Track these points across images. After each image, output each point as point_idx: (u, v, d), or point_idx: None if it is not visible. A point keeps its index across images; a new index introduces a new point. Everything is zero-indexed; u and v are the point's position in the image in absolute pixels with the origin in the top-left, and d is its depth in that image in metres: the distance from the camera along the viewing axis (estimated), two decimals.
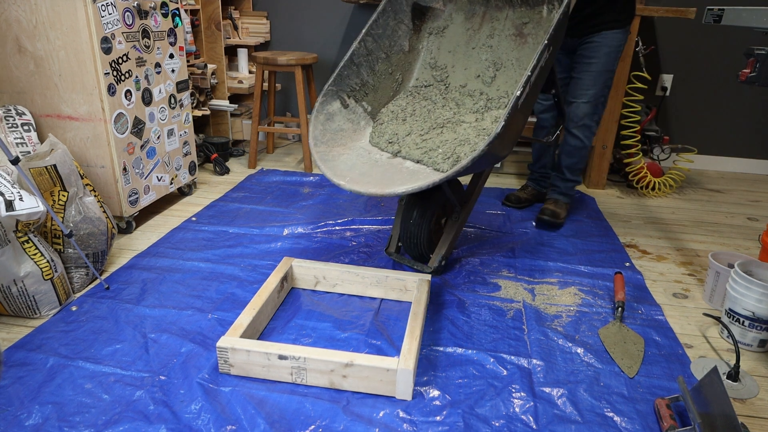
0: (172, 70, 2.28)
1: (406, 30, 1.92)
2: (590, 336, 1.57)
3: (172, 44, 2.25)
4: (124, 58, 1.97)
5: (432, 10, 1.93)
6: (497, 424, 1.23)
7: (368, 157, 1.78)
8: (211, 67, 2.94)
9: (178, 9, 2.27)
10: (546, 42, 1.51)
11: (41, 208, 1.52)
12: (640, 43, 2.70)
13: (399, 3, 1.89)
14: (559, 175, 2.33)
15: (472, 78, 1.87)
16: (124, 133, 2.02)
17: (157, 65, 2.17)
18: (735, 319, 1.54)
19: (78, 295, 1.70)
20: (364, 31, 1.84)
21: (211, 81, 2.98)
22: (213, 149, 2.95)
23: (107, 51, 1.89)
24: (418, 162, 1.67)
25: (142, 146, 2.13)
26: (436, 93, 1.89)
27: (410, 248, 1.88)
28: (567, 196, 2.34)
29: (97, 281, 1.78)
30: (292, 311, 1.65)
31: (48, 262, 1.56)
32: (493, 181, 2.94)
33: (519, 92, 1.46)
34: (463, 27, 1.91)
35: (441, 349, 1.49)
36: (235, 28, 3.28)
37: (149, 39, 2.10)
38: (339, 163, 1.73)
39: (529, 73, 1.48)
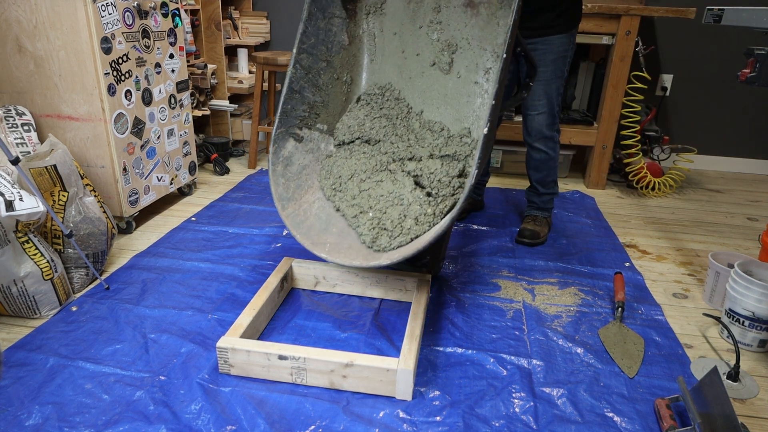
0: (172, 70, 2.28)
1: (341, 21, 1.71)
2: (590, 336, 1.57)
3: (172, 44, 2.25)
4: (124, 58, 1.97)
5: None
6: (497, 425, 1.23)
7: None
8: (211, 67, 2.94)
9: (178, 9, 2.27)
10: (501, 66, 1.35)
11: (41, 208, 1.52)
12: (640, 43, 2.70)
13: None
14: (533, 191, 2.23)
15: (427, 67, 1.72)
16: (124, 133, 2.02)
17: (157, 65, 2.17)
18: (735, 319, 1.54)
19: (78, 295, 1.70)
20: (294, 50, 1.65)
21: (211, 81, 2.98)
22: (213, 149, 2.95)
23: (107, 51, 1.89)
24: (349, 225, 1.56)
25: (142, 146, 2.13)
26: (397, 113, 1.74)
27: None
28: (546, 210, 2.24)
29: (97, 281, 1.78)
30: (292, 311, 1.65)
31: (48, 262, 1.56)
32: (492, 181, 2.94)
33: (477, 168, 1.32)
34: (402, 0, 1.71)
35: (441, 349, 1.49)
36: (235, 28, 3.28)
37: (149, 39, 2.10)
38: (313, 220, 1.62)
39: (482, 149, 1.33)
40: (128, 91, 2.02)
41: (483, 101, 1.64)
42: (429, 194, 1.51)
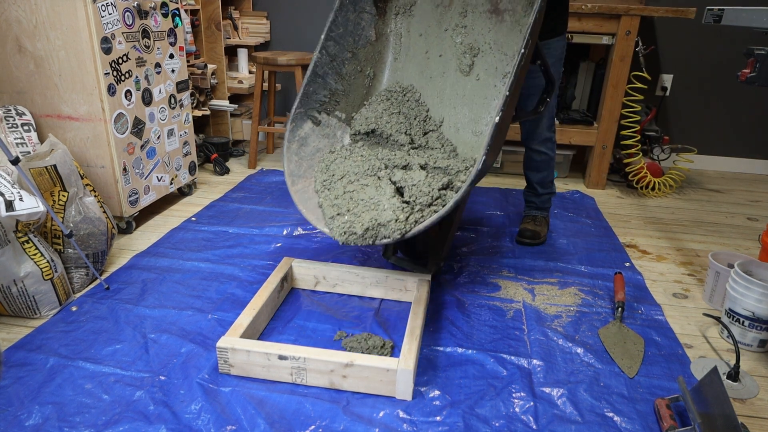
0: (172, 70, 2.28)
1: (370, 18, 1.77)
2: (590, 336, 1.57)
3: (172, 44, 2.25)
4: (124, 58, 1.97)
5: None
6: (497, 425, 1.23)
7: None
8: (211, 67, 2.94)
9: (178, 9, 2.27)
10: (518, 61, 1.36)
11: (41, 208, 1.52)
12: (640, 43, 2.70)
13: None
14: (532, 191, 2.23)
15: (448, 68, 1.74)
16: (124, 133, 2.02)
17: (157, 65, 2.17)
18: (735, 319, 1.54)
19: (78, 295, 1.70)
20: (323, 36, 1.70)
21: (211, 81, 2.98)
22: (213, 149, 2.95)
23: (107, 51, 1.89)
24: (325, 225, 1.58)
25: (142, 146, 2.13)
26: (415, 114, 1.77)
27: (406, 250, 1.87)
28: (544, 210, 2.24)
29: (97, 281, 1.78)
30: (292, 311, 1.65)
31: (48, 262, 1.56)
32: (492, 181, 2.94)
33: (485, 155, 1.36)
34: (432, 2, 1.76)
35: (441, 349, 1.49)
36: (235, 28, 3.28)
37: (149, 39, 2.10)
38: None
39: (492, 137, 1.37)
40: (128, 91, 2.02)
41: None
42: (406, 202, 1.51)
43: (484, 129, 1.70)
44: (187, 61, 2.82)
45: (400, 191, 1.54)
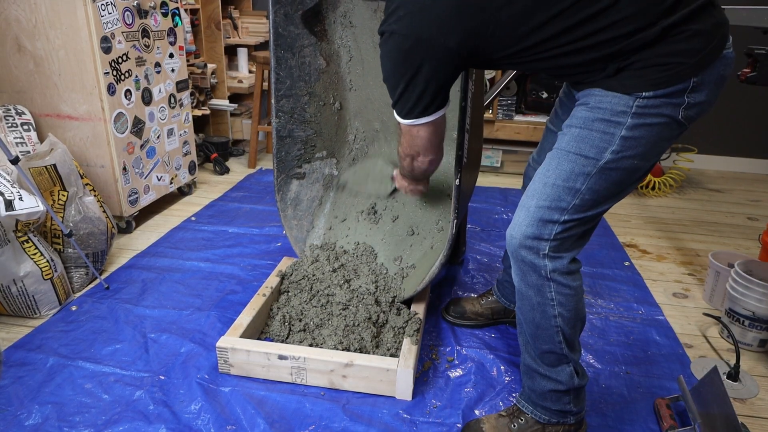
0: (172, 70, 2.28)
1: (312, 49, 1.66)
2: (590, 336, 1.57)
3: (172, 44, 2.25)
4: (124, 58, 1.97)
5: (320, 4, 1.63)
6: None
7: (351, 208, 1.77)
8: (211, 66, 2.94)
9: (177, 8, 2.27)
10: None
11: (41, 207, 1.52)
12: None
13: (286, 36, 1.60)
14: None
15: None
16: (123, 133, 2.02)
17: (157, 65, 2.17)
18: (735, 318, 1.54)
19: (78, 294, 1.70)
20: (273, 101, 1.63)
21: (211, 80, 2.98)
22: (213, 149, 2.95)
23: (107, 50, 1.88)
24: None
25: (141, 146, 2.13)
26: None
27: None
28: None
29: (97, 281, 1.78)
30: None
31: (48, 261, 1.56)
32: (492, 181, 2.94)
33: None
34: (368, 9, 1.62)
35: (441, 348, 1.49)
36: (235, 27, 3.28)
37: (149, 38, 2.10)
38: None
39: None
40: (128, 91, 2.02)
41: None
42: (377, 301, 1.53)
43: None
44: (187, 61, 2.82)
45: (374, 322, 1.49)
